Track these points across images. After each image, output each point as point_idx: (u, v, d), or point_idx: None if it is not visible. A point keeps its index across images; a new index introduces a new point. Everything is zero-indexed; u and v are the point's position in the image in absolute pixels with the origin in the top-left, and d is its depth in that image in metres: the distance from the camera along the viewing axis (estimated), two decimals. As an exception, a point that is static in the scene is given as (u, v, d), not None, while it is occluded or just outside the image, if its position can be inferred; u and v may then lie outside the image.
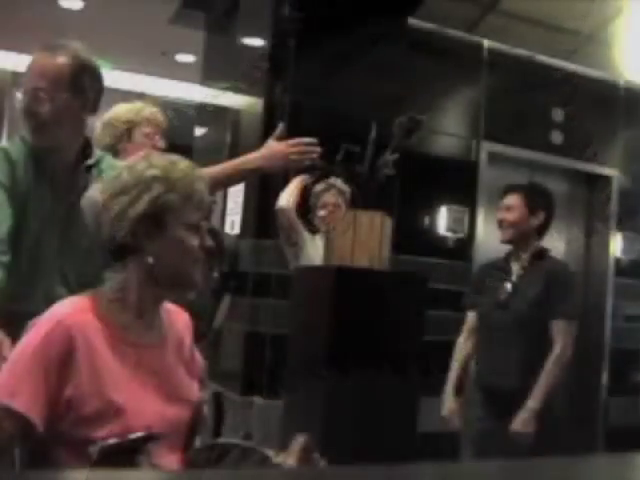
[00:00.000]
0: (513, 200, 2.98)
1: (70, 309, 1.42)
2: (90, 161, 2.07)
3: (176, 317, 1.61)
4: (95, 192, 1.47)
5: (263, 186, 3.94)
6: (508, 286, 2.94)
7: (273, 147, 2.26)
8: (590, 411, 5.08)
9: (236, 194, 4.36)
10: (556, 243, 4.84)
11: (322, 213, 3.41)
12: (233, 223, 4.42)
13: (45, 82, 1.95)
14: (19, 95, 2.00)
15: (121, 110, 2.72)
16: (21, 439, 1.35)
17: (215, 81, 5.13)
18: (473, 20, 4.70)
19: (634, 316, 5.24)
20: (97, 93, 2.06)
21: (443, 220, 4.59)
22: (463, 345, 3.08)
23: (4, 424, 1.31)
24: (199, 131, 5.46)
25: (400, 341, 2.50)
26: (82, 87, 2.00)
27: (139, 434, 1.33)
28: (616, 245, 5.24)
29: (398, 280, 2.65)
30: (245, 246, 4.12)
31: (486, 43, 4.82)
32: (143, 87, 6.05)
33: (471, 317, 3.09)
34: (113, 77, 3.56)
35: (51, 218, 2.00)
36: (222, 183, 2.37)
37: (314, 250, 3.30)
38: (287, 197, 3.32)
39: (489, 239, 4.31)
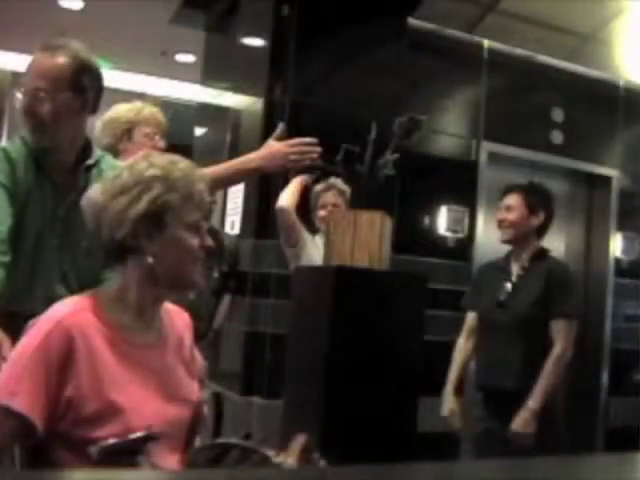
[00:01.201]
0: (513, 200, 2.98)
1: (70, 309, 1.42)
2: (90, 161, 2.07)
3: (176, 317, 1.61)
4: (95, 192, 1.47)
5: (263, 186, 3.94)
6: (508, 286, 2.94)
7: (273, 147, 2.26)
8: (590, 411, 5.07)
9: (236, 194, 4.36)
10: (556, 243, 4.84)
11: (322, 213, 3.40)
12: (233, 223, 4.41)
13: (45, 82, 1.95)
14: (19, 95, 2.00)
15: (121, 110, 2.72)
16: (21, 439, 1.36)
17: (215, 81, 5.13)
18: (473, 20, 4.70)
19: (634, 316, 5.24)
20: (97, 93, 2.06)
21: (443, 220, 4.59)
22: (463, 345, 3.08)
23: (4, 424, 1.32)
24: (199, 131, 5.45)
25: (400, 341, 2.49)
26: (82, 87, 2.00)
27: (139, 434, 1.33)
28: (616, 245, 5.23)
29: (398, 280, 2.65)
30: (245, 246, 4.12)
31: (486, 43, 4.82)
32: (143, 87, 6.06)
33: (471, 317, 3.09)
34: (113, 77, 3.56)
35: (51, 218, 2.00)
36: (222, 183, 2.37)
37: (314, 250, 3.30)
38: (287, 197, 3.31)
39: (489, 239, 4.31)
